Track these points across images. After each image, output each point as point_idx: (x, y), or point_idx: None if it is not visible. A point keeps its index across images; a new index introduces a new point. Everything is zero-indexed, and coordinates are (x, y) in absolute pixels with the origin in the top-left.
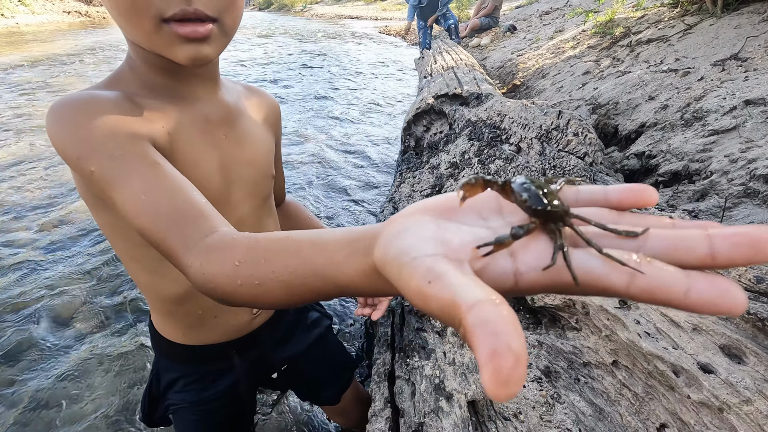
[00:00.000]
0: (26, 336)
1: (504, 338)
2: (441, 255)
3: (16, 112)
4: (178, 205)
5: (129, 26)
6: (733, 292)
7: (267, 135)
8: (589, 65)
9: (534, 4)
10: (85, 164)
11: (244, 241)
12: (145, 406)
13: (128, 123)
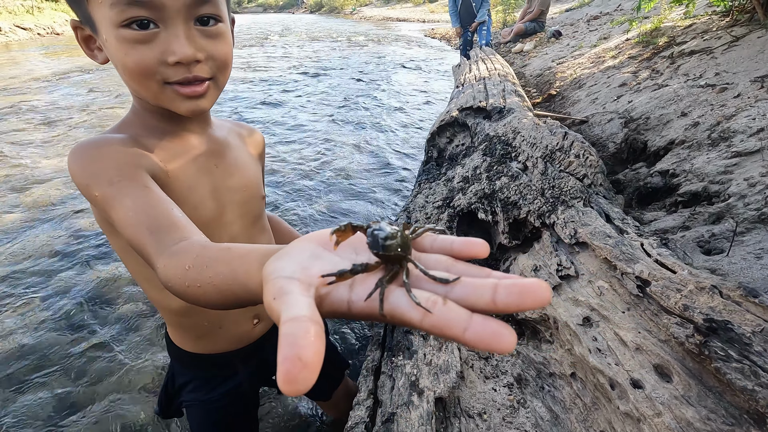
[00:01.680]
0: (59, 336)
1: (297, 349)
2: (296, 278)
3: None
4: (158, 217)
5: (138, 87)
6: (502, 334)
7: (254, 162)
8: (626, 77)
9: (584, 8)
10: (91, 190)
11: (197, 248)
12: (161, 402)
13: (128, 156)
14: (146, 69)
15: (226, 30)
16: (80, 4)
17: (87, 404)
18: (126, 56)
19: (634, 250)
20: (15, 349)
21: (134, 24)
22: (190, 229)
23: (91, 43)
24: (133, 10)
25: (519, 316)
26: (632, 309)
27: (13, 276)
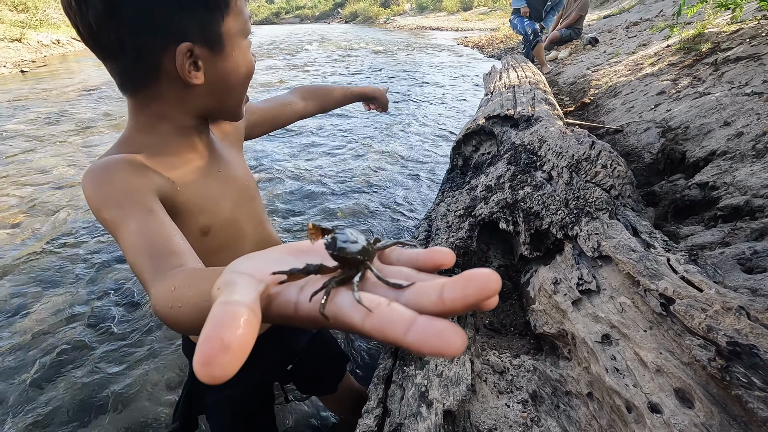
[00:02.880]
0: (75, 338)
1: (221, 329)
2: (247, 273)
3: None
4: (156, 243)
5: (242, 89)
6: (448, 333)
7: (241, 155)
8: (665, 84)
9: (623, 14)
10: (101, 214)
11: (187, 270)
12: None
13: (134, 178)
14: (253, 68)
15: None
16: (213, 24)
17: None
18: (249, 61)
19: (660, 266)
20: (33, 348)
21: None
22: (188, 256)
23: (192, 66)
24: (249, 23)
25: (537, 331)
26: (654, 328)
27: (38, 274)
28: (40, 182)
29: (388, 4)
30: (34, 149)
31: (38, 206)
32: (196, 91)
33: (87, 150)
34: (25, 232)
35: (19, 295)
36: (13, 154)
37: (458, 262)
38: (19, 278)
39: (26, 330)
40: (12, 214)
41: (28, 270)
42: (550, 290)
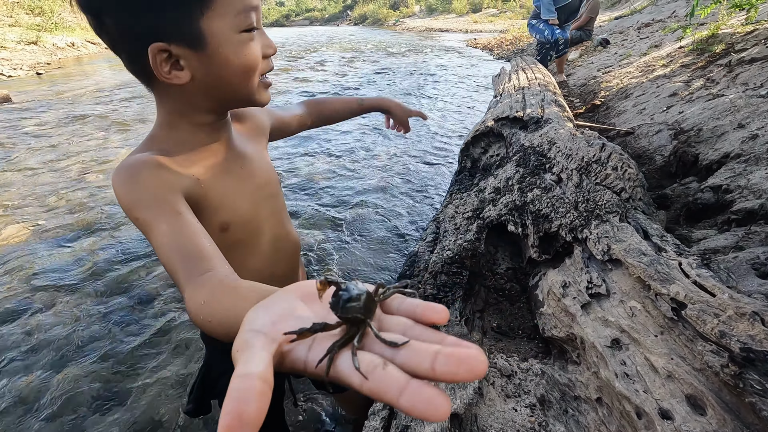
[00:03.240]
0: (97, 326)
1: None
2: (263, 332)
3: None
4: (187, 247)
5: (246, 83)
6: (435, 403)
7: (265, 152)
8: (677, 86)
9: (635, 15)
10: (133, 213)
11: (214, 283)
12: (195, 399)
13: (163, 179)
14: (256, 63)
15: None
16: (189, 22)
17: (116, 399)
18: (246, 56)
19: (671, 270)
20: (52, 342)
21: (250, 27)
22: (216, 259)
23: (176, 64)
24: (251, 16)
25: (545, 334)
26: (665, 333)
27: (59, 272)
28: (57, 179)
29: (397, 6)
30: (53, 148)
31: (53, 203)
32: (191, 89)
33: (102, 148)
34: (44, 227)
35: (38, 290)
36: (36, 151)
37: (466, 264)
38: (37, 273)
39: (42, 324)
40: (29, 210)
41: (46, 264)
42: (559, 294)
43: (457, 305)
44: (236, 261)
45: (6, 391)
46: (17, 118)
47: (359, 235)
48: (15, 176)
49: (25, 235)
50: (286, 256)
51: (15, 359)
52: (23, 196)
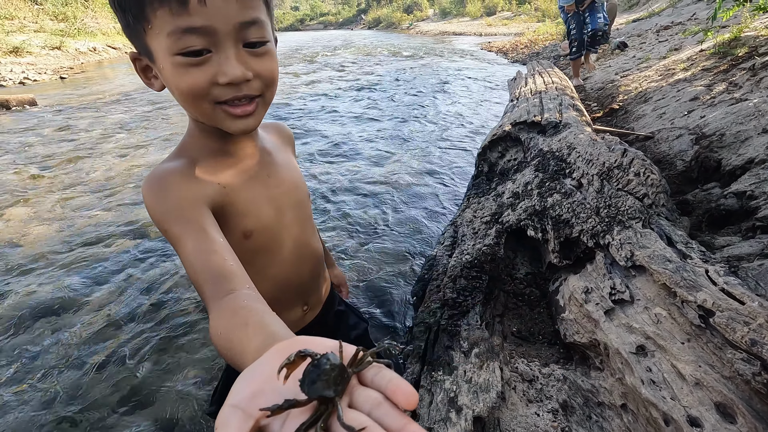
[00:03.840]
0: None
1: None
2: (241, 408)
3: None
4: (211, 267)
5: (192, 109)
6: None
7: (293, 160)
8: (699, 90)
9: (653, 18)
10: (162, 226)
11: (229, 313)
12: (218, 396)
13: (189, 191)
14: (199, 90)
15: (272, 48)
16: (139, 37)
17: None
18: (180, 80)
19: (698, 277)
20: (76, 342)
21: (188, 50)
22: (238, 278)
23: (148, 72)
24: (188, 38)
25: (567, 340)
26: (693, 340)
27: (79, 272)
28: (80, 180)
29: (411, 9)
30: (76, 149)
31: (79, 203)
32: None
33: (123, 148)
34: (69, 225)
35: (63, 290)
36: (59, 152)
37: (485, 269)
38: (63, 272)
39: (66, 324)
40: (55, 209)
41: (71, 264)
42: (581, 299)
43: (477, 309)
44: (258, 268)
45: (32, 390)
46: (42, 120)
47: (376, 239)
48: (41, 176)
49: (52, 233)
50: (308, 264)
51: (41, 357)
52: (49, 195)
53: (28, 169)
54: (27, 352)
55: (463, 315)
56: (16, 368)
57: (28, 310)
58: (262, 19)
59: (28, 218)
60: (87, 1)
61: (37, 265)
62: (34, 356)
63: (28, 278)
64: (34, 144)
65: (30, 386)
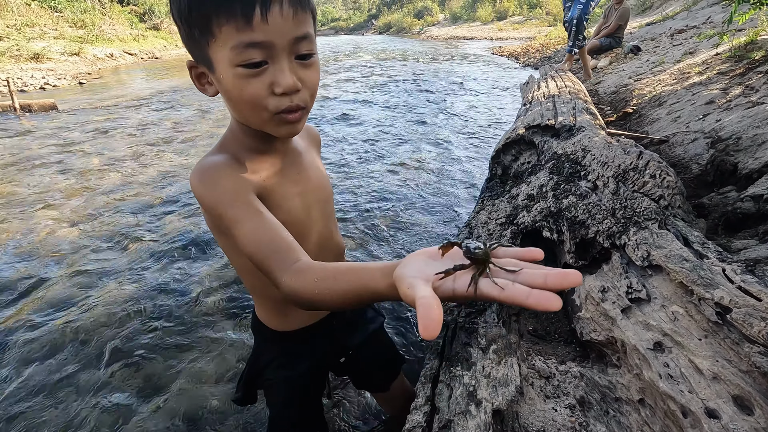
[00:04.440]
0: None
1: (429, 311)
2: (418, 276)
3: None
4: (276, 241)
5: (249, 115)
6: (552, 299)
7: (319, 160)
8: (714, 93)
9: (667, 21)
10: (216, 210)
11: (318, 265)
12: (242, 387)
13: (239, 181)
14: (259, 99)
15: (317, 60)
16: (200, 48)
17: (160, 392)
18: (242, 90)
19: (714, 276)
20: (102, 333)
21: (249, 62)
22: (300, 250)
23: (203, 78)
24: (249, 52)
25: (584, 338)
26: (710, 336)
27: (101, 267)
28: (101, 181)
29: (421, 14)
30: (95, 151)
31: (101, 202)
32: (226, 101)
33: (140, 151)
34: (91, 223)
35: (86, 285)
36: (80, 154)
37: None
38: (84, 269)
39: (92, 316)
40: (78, 209)
41: (92, 261)
42: (598, 298)
43: (494, 308)
44: None
45: (58, 379)
46: (62, 123)
47: (392, 241)
48: (63, 178)
49: (74, 231)
50: (331, 257)
51: (65, 349)
52: (72, 197)
53: (49, 169)
54: (55, 346)
55: (480, 313)
56: (46, 361)
57: (54, 307)
58: (311, 33)
59: (52, 218)
60: (105, 9)
61: (59, 263)
62: (60, 348)
63: (52, 276)
64: (55, 146)
65: (61, 379)
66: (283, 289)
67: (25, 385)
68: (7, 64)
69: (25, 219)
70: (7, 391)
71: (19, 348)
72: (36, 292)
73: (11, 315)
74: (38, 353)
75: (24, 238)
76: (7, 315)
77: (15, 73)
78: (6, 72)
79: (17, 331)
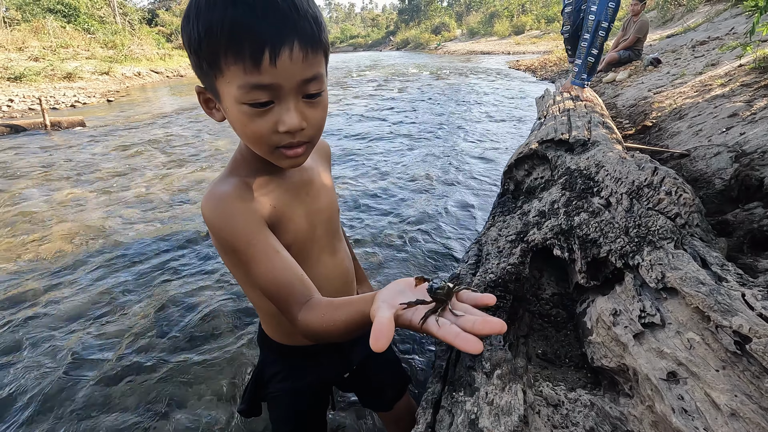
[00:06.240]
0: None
1: (381, 327)
2: (386, 302)
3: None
4: (290, 282)
5: (252, 147)
6: (471, 341)
7: (329, 176)
8: (738, 106)
9: (689, 33)
10: (231, 245)
11: (325, 300)
12: (248, 398)
13: (251, 213)
14: (261, 137)
15: (326, 98)
16: (209, 79)
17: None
18: (245, 126)
19: (733, 301)
20: (110, 344)
21: (255, 102)
22: (311, 286)
23: (210, 104)
24: (256, 93)
25: (595, 364)
26: (728, 368)
27: (115, 280)
28: (126, 196)
29: (439, 30)
30: (120, 167)
31: (124, 215)
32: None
33: (165, 166)
34: (110, 238)
35: (99, 299)
36: (105, 170)
37: (510, 288)
38: (103, 284)
39: (101, 328)
40: (102, 226)
41: (108, 277)
42: (609, 322)
43: None
44: None
45: (65, 393)
46: (89, 140)
47: (400, 256)
48: (80, 191)
49: (96, 245)
50: (337, 275)
51: (75, 361)
52: (93, 209)
53: (74, 184)
54: (65, 358)
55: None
56: (55, 372)
57: (69, 317)
58: (321, 73)
59: (74, 231)
60: (134, 30)
61: (79, 274)
62: (72, 361)
63: (71, 287)
64: (80, 161)
65: (69, 389)
66: (297, 325)
67: (32, 394)
68: (42, 84)
69: (39, 232)
70: (19, 399)
71: (29, 355)
72: (44, 305)
73: (24, 323)
74: (45, 362)
75: (39, 248)
76: (20, 323)
77: (48, 91)
78: (40, 91)
79: (32, 337)
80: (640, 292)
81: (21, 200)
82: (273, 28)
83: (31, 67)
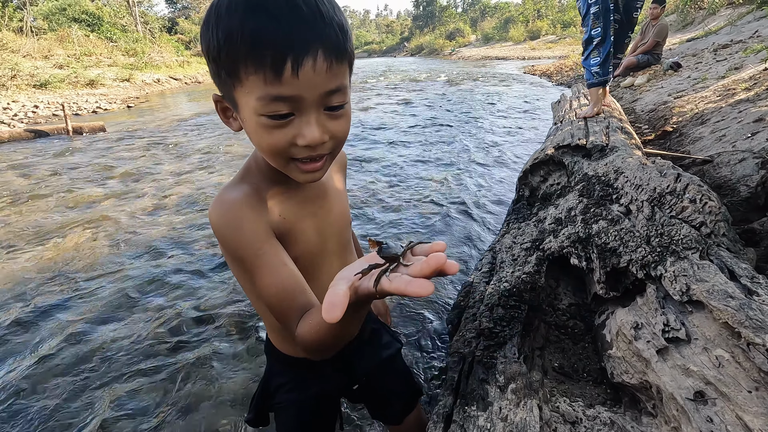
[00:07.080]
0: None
1: (332, 298)
2: (343, 277)
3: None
4: (294, 297)
5: (267, 158)
6: (424, 284)
7: (343, 188)
8: (764, 111)
9: (710, 37)
10: (237, 254)
11: (315, 308)
12: (254, 408)
13: (259, 223)
14: (278, 149)
15: (349, 109)
16: (227, 88)
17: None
18: (262, 138)
19: (766, 316)
20: (119, 353)
21: (274, 114)
22: (315, 302)
23: (228, 113)
24: (276, 105)
25: (615, 380)
26: (761, 389)
27: (124, 287)
28: (144, 200)
29: (453, 36)
30: (138, 171)
31: (141, 220)
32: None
33: (182, 171)
34: (126, 244)
35: (108, 303)
36: (122, 175)
37: (525, 298)
38: (118, 287)
39: (110, 335)
40: (118, 228)
41: (124, 280)
42: (630, 335)
43: (515, 341)
44: None
45: (73, 400)
46: (109, 144)
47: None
48: (96, 194)
49: (113, 247)
50: None
51: (85, 370)
52: (112, 212)
53: (93, 187)
54: (77, 359)
55: (500, 346)
56: (69, 376)
57: (80, 321)
58: (345, 84)
59: (93, 234)
60: (155, 38)
61: (93, 277)
62: (77, 363)
63: (87, 288)
64: (100, 165)
65: (76, 394)
66: (296, 340)
67: (41, 394)
68: (65, 90)
69: (56, 233)
70: (26, 398)
71: (40, 355)
72: (55, 305)
73: (34, 324)
74: (49, 363)
75: (58, 247)
76: (32, 325)
77: (72, 98)
78: (64, 97)
79: (45, 336)
80: (663, 305)
81: (39, 200)
82: (296, 36)
83: (56, 75)
